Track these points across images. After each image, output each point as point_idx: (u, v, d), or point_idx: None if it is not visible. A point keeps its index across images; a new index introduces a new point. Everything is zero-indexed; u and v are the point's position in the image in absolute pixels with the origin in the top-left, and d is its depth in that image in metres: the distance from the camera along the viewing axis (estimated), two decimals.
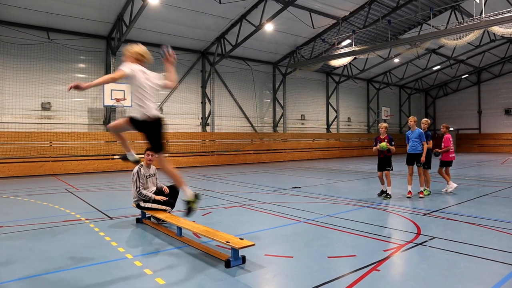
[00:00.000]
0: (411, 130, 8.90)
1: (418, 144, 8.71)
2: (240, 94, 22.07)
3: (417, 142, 8.71)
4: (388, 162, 8.72)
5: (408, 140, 8.96)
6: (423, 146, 8.66)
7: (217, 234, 4.73)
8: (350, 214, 7.03)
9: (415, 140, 8.74)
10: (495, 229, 5.80)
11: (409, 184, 8.81)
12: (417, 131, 8.73)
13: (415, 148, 8.75)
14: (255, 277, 3.96)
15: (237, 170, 17.33)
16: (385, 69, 28.25)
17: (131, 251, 4.86)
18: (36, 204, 8.47)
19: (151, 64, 4.87)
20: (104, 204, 8.49)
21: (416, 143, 8.73)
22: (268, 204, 8.11)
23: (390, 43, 17.77)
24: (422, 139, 8.65)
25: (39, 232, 5.89)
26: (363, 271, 4.02)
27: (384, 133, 8.84)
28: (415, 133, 8.73)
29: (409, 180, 8.83)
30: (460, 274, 3.94)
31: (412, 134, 8.82)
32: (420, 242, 5.09)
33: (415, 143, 8.75)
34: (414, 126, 8.81)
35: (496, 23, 14.05)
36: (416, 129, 8.78)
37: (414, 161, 8.80)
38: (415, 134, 8.74)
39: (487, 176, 13.33)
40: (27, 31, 15.16)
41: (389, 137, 8.79)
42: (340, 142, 27.52)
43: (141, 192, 6.14)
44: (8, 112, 14.89)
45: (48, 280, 3.89)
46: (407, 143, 9.00)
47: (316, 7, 17.55)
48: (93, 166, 16.42)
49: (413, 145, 8.80)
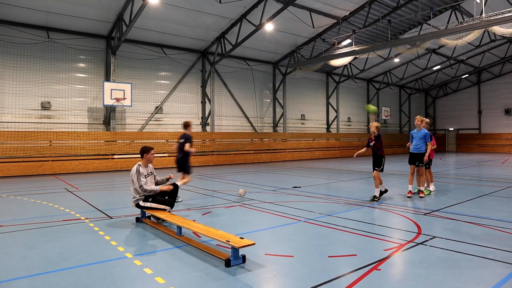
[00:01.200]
0: (416, 129, 8.84)
1: (422, 144, 8.66)
2: (240, 93, 22.06)
3: (421, 142, 8.66)
4: (377, 162, 8.35)
5: (412, 139, 8.91)
6: (426, 146, 8.63)
7: (217, 233, 4.72)
8: (350, 213, 7.02)
9: (420, 140, 8.68)
10: (496, 228, 5.79)
11: (410, 183, 8.78)
12: (423, 131, 8.68)
13: (418, 148, 8.70)
14: (255, 276, 3.95)
15: (237, 170, 17.31)
16: (385, 69, 28.24)
17: (131, 250, 4.85)
18: (36, 203, 8.46)
19: None
20: (104, 203, 8.48)
21: (420, 142, 8.68)
22: (268, 204, 8.09)
23: (390, 43, 17.76)
24: (426, 140, 8.62)
25: (39, 231, 5.88)
26: (363, 271, 4.01)
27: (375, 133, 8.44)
28: (421, 133, 8.69)
29: (410, 179, 8.81)
30: (460, 274, 3.93)
31: (417, 134, 8.76)
32: (421, 242, 5.08)
33: (419, 143, 8.70)
34: (421, 125, 8.76)
35: (496, 23, 14.03)
36: (422, 129, 8.72)
37: (416, 161, 8.73)
38: (420, 134, 8.69)
39: (487, 176, 13.31)
40: (27, 31, 15.15)
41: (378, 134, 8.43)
42: (340, 142, 27.51)
43: (145, 188, 6.11)
44: (8, 111, 14.87)
45: (47, 280, 3.88)
46: (411, 142, 8.95)
47: (316, 6, 17.54)
48: (93, 165, 16.41)
49: (417, 145, 8.74)
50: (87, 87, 16.73)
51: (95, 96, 16.82)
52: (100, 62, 17.14)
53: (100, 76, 17.07)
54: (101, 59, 17.16)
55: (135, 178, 6.17)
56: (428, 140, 8.62)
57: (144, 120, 18.41)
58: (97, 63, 17.05)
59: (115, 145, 17.01)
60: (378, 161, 8.38)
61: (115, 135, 17.07)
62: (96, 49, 16.99)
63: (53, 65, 15.84)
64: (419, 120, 8.78)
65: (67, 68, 16.20)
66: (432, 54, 25.36)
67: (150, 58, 18.45)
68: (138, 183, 6.13)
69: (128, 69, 17.79)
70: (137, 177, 6.16)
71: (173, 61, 19.27)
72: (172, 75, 19.37)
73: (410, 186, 8.79)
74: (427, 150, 8.64)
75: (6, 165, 14.46)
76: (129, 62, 17.81)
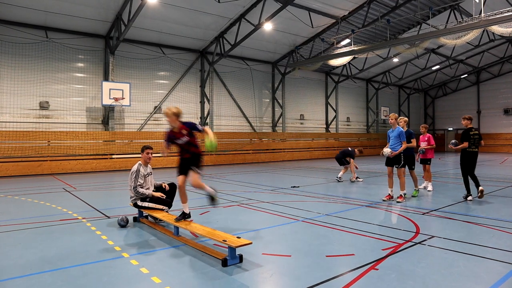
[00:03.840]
0: (392, 128, 8.29)
1: (397, 144, 8.09)
2: (239, 93, 22.04)
3: (397, 141, 8.09)
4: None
5: (388, 139, 8.38)
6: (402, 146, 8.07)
7: (214, 233, 4.70)
8: (348, 213, 7.00)
9: (395, 139, 8.12)
10: (494, 228, 5.78)
11: (390, 187, 8.25)
12: (397, 130, 8.11)
13: (394, 148, 8.13)
14: (253, 276, 3.93)
15: (236, 169, 17.29)
16: (384, 68, 28.23)
17: (128, 250, 4.82)
18: (34, 203, 8.43)
19: None
20: (101, 203, 8.45)
21: (396, 142, 8.12)
22: (266, 203, 8.07)
23: (389, 43, 17.75)
24: (402, 139, 8.03)
25: (36, 231, 5.85)
26: (361, 270, 3.99)
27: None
28: (396, 132, 8.12)
29: (389, 182, 8.27)
30: (459, 273, 3.91)
31: (392, 133, 8.20)
32: (419, 241, 5.06)
33: (395, 142, 8.13)
34: (396, 124, 8.20)
35: (495, 23, 14.03)
36: (397, 127, 8.16)
37: (393, 163, 8.20)
38: (395, 133, 8.12)
39: (486, 176, 13.30)
40: (25, 30, 15.11)
41: None
42: (339, 142, 27.49)
43: (138, 190, 6.09)
44: (6, 111, 14.83)
45: (43, 279, 3.85)
46: (388, 142, 8.40)
47: (315, 6, 17.52)
48: (91, 165, 16.37)
49: (392, 145, 8.17)
50: (86, 86, 16.70)
51: (94, 96, 16.78)
52: (99, 62, 17.10)
53: (99, 76, 17.04)
54: (100, 59, 17.12)
55: (133, 177, 6.15)
56: (403, 139, 8.01)
57: (143, 120, 18.38)
58: (95, 63, 17.01)
59: (113, 145, 16.97)
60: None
61: (113, 135, 17.03)
62: (95, 49, 16.95)
63: (52, 64, 15.81)
64: (393, 118, 8.17)
65: (65, 68, 16.16)
66: (431, 54, 25.35)
67: (149, 58, 18.42)
68: (134, 183, 6.11)
69: (127, 68, 17.76)
70: (135, 176, 6.14)
71: (172, 60, 19.24)
72: (171, 75, 19.34)
73: (390, 189, 8.24)
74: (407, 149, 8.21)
75: (4, 165, 14.42)
76: (128, 62, 17.78)
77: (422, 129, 10.21)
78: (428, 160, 9.94)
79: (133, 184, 6.12)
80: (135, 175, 6.15)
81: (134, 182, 6.12)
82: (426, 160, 9.94)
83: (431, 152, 10.01)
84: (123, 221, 5.99)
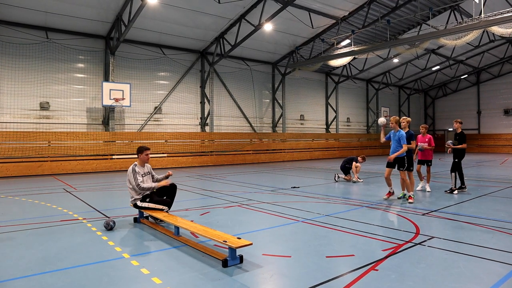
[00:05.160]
0: (393, 130, 8.35)
1: (399, 147, 8.13)
2: (239, 94, 22.05)
3: (399, 145, 8.14)
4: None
5: (389, 138, 8.46)
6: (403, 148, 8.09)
7: (215, 233, 4.71)
8: (348, 214, 7.01)
9: (396, 143, 8.18)
10: (494, 229, 5.78)
11: (389, 185, 8.46)
12: (398, 133, 8.16)
13: (395, 151, 8.16)
14: (253, 276, 3.93)
15: (236, 170, 17.30)
16: (385, 69, 28.25)
17: (128, 250, 4.83)
18: (34, 203, 8.44)
19: None
20: (102, 203, 8.46)
21: (397, 145, 8.17)
22: (266, 204, 8.08)
23: (389, 43, 17.76)
24: (402, 142, 8.06)
25: (37, 231, 5.86)
26: (361, 271, 4.00)
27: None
28: (396, 136, 8.17)
29: (388, 182, 8.44)
30: (458, 274, 3.92)
31: (394, 136, 8.26)
32: (419, 242, 5.06)
33: (396, 146, 8.19)
34: (397, 127, 8.26)
35: (495, 23, 14.03)
36: (399, 130, 8.21)
37: (396, 165, 8.26)
38: (396, 137, 8.19)
39: (486, 176, 13.30)
40: (25, 31, 15.13)
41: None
42: (339, 142, 27.50)
43: (142, 186, 6.10)
44: (6, 112, 14.85)
45: (44, 280, 3.86)
46: (387, 140, 8.51)
47: (315, 7, 17.53)
48: (91, 166, 16.38)
49: (394, 148, 8.24)
50: (86, 87, 16.71)
51: (94, 96, 16.80)
52: (99, 62, 17.12)
53: (99, 76, 17.05)
54: (100, 59, 17.14)
55: (132, 178, 6.16)
56: (403, 142, 8.04)
57: (143, 120, 18.39)
58: (96, 63, 17.03)
59: (114, 146, 16.98)
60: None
61: (114, 135, 17.05)
62: (95, 49, 16.97)
63: (52, 65, 15.82)
64: (393, 122, 8.22)
65: (66, 68, 16.18)
66: (431, 54, 25.37)
67: (149, 58, 18.44)
68: (135, 182, 6.12)
69: (127, 69, 17.78)
70: (133, 176, 6.16)
71: (172, 61, 19.25)
72: (171, 75, 19.35)
73: (389, 187, 8.46)
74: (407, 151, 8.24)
75: (5, 165, 14.44)
76: (128, 62, 17.79)
77: (422, 129, 10.20)
78: (429, 162, 9.95)
79: (135, 183, 6.12)
80: (133, 175, 6.17)
81: (135, 181, 6.13)
82: (426, 162, 9.94)
83: (430, 153, 10.00)
84: (108, 224, 5.84)
